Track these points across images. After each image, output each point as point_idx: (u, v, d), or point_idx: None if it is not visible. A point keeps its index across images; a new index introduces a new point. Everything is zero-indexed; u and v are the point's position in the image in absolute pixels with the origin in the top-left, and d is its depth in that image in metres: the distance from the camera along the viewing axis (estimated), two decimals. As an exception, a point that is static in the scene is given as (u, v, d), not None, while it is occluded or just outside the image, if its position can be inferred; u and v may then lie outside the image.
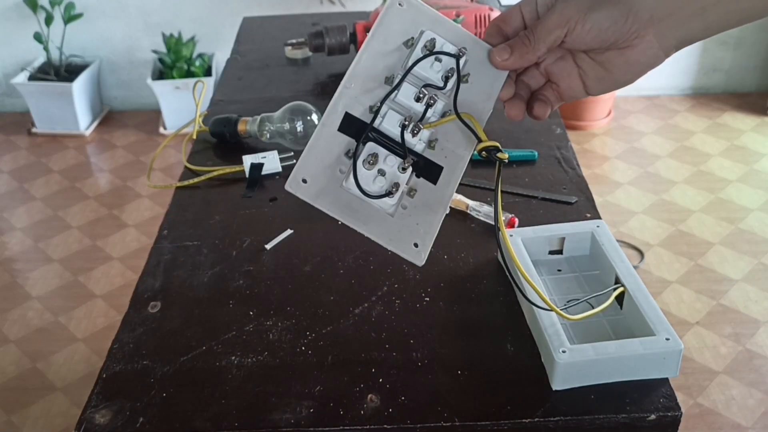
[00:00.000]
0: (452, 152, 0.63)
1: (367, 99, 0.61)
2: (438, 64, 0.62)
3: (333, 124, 0.61)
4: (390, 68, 0.62)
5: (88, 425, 0.66)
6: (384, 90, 0.61)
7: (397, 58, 0.62)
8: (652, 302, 0.72)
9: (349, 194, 0.61)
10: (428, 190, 0.62)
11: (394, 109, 0.62)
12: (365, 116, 0.61)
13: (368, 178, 0.60)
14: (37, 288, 2.11)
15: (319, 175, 0.60)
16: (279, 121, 1.06)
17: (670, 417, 0.66)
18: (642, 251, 2.14)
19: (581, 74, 0.62)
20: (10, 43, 2.88)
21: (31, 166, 2.70)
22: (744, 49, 2.91)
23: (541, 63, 0.64)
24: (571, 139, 1.09)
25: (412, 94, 0.62)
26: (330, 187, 0.60)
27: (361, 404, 0.68)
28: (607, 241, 0.81)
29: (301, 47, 1.37)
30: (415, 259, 0.62)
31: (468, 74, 0.63)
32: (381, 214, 0.61)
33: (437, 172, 0.63)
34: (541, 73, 0.64)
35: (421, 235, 0.62)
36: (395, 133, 0.61)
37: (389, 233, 0.61)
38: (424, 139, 0.62)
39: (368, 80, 0.61)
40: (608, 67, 0.61)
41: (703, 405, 1.68)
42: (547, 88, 0.65)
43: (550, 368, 0.69)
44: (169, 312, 0.79)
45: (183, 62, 2.74)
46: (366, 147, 0.61)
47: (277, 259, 0.87)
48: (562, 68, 0.63)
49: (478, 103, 0.63)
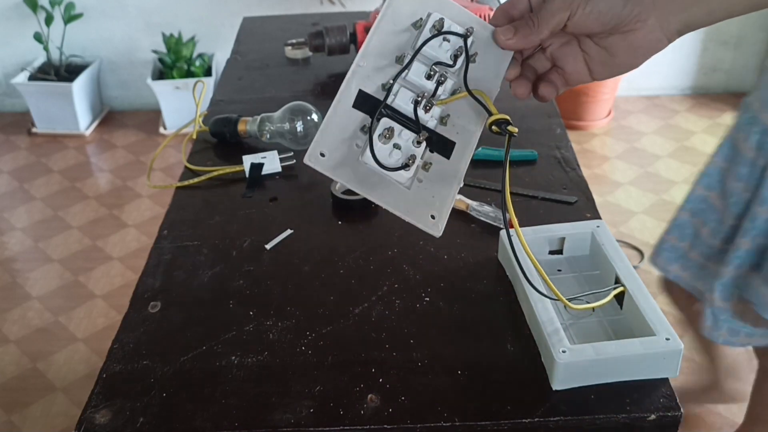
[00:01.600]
0: (464, 128, 0.65)
1: (379, 77, 0.63)
2: (446, 44, 0.64)
3: (347, 101, 0.62)
4: (400, 48, 0.64)
5: (88, 425, 0.66)
6: (395, 69, 0.63)
7: (406, 38, 0.64)
8: (652, 302, 0.72)
9: (366, 168, 0.62)
10: (442, 164, 0.64)
11: (406, 87, 0.63)
12: (378, 93, 0.63)
13: (384, 152, 0.62)
14: (37, 288, 2.11)
15: (336, 149, 0.61)
16: (279, 121, 1.06)
17: (670, 417, 0.66)
18: (642, 251, 2.14)
19: (586, 59, 0.64)
20: (10, 43, 2.88)
21: (31, 166, 2.70)
22: (744, 49, 2.91)
23: (547, 48, 0.65)
24: (571, 139, 1.09)
25: (423, 73, 0.63)
26: (347, 160, 0.61)
27: (361, 404, 0.68)
28: (607, 241, 0.81)
29: (301, 47, 1.37)
30: (432, 230, 0.63)
31: (476, 53, 0.64)
32: (397, 187, 0.63)
33: (450, 147, 0.64)
34: (547, 57, 0.66)
35: (437, 207, 0.63)
36: (408, 110, 0.63)
37: (406, 205, 0.63)
38: (436, 116, 0.64)
39: (379, 59, 0.63)
40: (612, 52, 0.62)
41: (703, 405, 1.67)
42: (553, 72, 0.66)
43: (550, 368, 0.69)
44: (169, 312, 0.79)
45: (183, 62, 2.74)
46: (381, 122, 0.62)
47: (277, 259, 0.87)
48: (567, 53, 0.64)
49: (486, 81, 0.65)
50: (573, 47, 0.64)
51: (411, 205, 0.63)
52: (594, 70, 0.64)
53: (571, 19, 0.60)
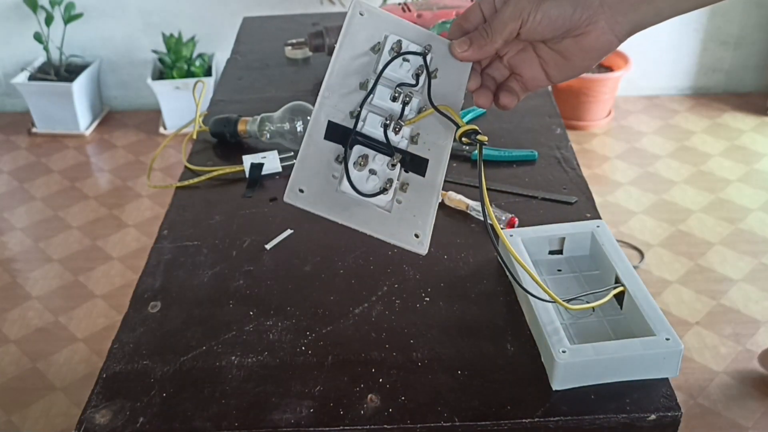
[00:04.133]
0: (434, 143, 0.65)
1: (346, 105, 0.64)
2: (407, 64, 0.65)
3: (319, 134, 0.63)
4: (362, 74, 0.65)
5: (88, 425, 0.66)
6: (360, 95, 0.64)
7: (367, 63, 0.65)
8: (652, 302, 0.72)
9: (345, 197, 0.63)
10: (419, 182, 0.65)
11: (374, 112, 0.64)
12: (347, 122, 0.64)
13: (361, 179, 0.62)
14: (37, 288, 2.11)
15: (314, 182, 0.62)
16: (279, 121, 1.06)
17: (670, 417, 0.66)
18: (642, 251, 2.14)
19: (542, 64, 0.65)
20: (10, 43, 2.88)
21: (31, 166, 2.70)
22: (744, 49, 2.90)
23: (504, 56, 0.67)
24: (571, 139, 1.09)
25: (388, 95, 0.64)
26: (326, 192, 0.62)
27: (361, 404, 0.68)
28: (607, 241, 0.81)
29: (301, 47, 1.37)
30: (418, 249, 0.64)
31: (436, 69, 0.66)
32: (378, 212, 0.63)
33: (424, 164, 0.65)
34: (504, 66, 0.67)
35: (420, 225, 0.64)
36: (378, 134, 0.64)
37: (390, 229, 0.63)
38: (406, 136, 0.65)
39: (343, 88, 0.64)
40: (566, 55, 0.63)
41: (703, 405, 1.68)
42: (512, 79, 0.68)
43: (550, 368, 0.69)
44: (169, 312, 0.79)
45: (183, 62, 2.74)
46: (354, 150, 0.63)
47: (277, 259, 0.87)
48: (523, 59, 0.66)
49: (450, 95, 0.66)
50: (529, 53, 0.66)
51: (394, 227, 0.63)
52: (550, 74, 0.65)
53: (523, 27, 0.61)
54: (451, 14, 1.24)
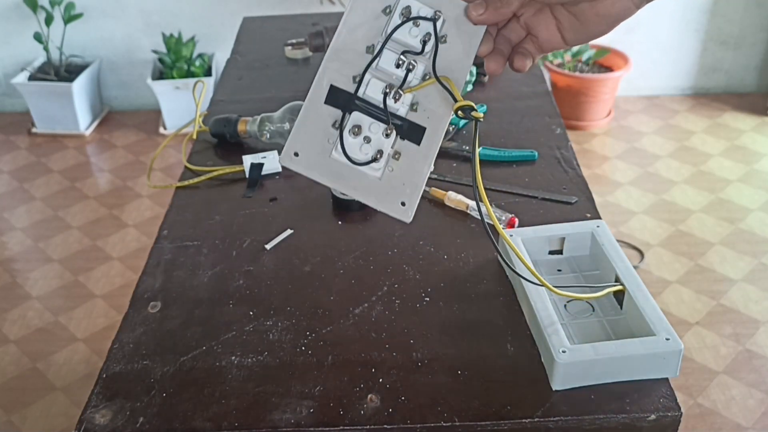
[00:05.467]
0: (434, 112, 0.65)
1: (350, 70, 0.64)
2: (416, 29, 0.64)
3: (319, 98, 0.63)
4: (370, 38, 0.64)
5: (88, 425, 0.66)
6: (366, 59, 0.64)
7: (376, 27, 0.64)
8: (652, 302, 0.72)
9: (338, 163, 0.63)
10: (412, 152, 0.65)
11: (377, 77, 0.64)
12: (349, 87, 0.64)
13: (355, 147, 0.63)
14: (37, 288, 2.11)
15: (309, 147, 0.62)
16: (279, 121, 1.06)
17: (670, 417, 0.66)
18: (642, 251, 2.14)
19: (559, 26, 0.65)
20: (10, 43, 2.88)
21: (31, 166, 2.70)
22: (744, 49, 2.90)
23: (521, 17, 0.66)
24: (571, 139, 1.09)
25: (394, 61, 0.64)
26: (320, 157, 0.63)
27: (361, 404, 0.68)
28: (607, 241, 0.81)
29: (301, 47, 1.37)
30: (402, 217, 0.64)
31: (445, 35, 0.65)
32: (369, 178, 0.64)
33: (420, 133, 0.65)
34: (521, 26, 0.66)
35: (407, 194, 0.64)
36: (379, 100, 0.64)
37: (378, 195, 0.64)
38: (407, 103, 0.65)
39: (350, 52, 0.64)
40: (582, 19, 0.63)
41: (703, 405, 1.68)
42: (527, 41, 0.67)
43: (550, 368, 0.69)
44: (169, 312, 0.79)
45: (183, 62, 2.74)
46: (351, 117, 0.63)
47: (277, 259, 0.87)
48: (540, 20, 0.65)
49: (457, 61, 0.66)
50: (546, 15, 0.65)
51: (382, 194, 0.64)
52: (566, 36, 0.65)
53: None
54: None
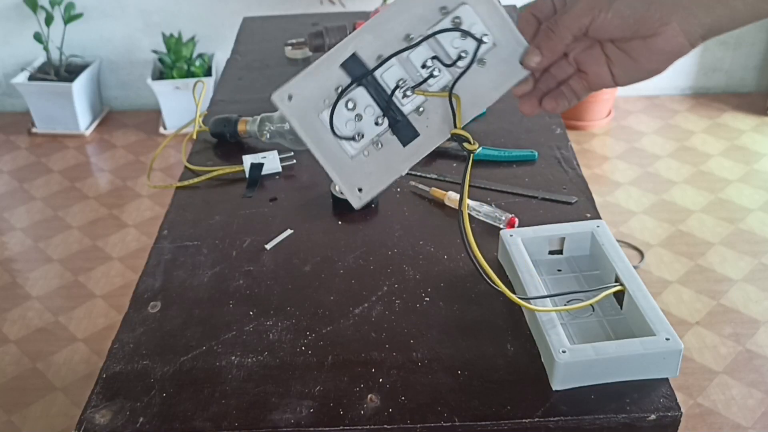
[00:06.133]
0: (434, 126, 0.65)
1: (379, 47, 0.62)
2: (459, 41, 0.62)
3: (338, 59, 0.62)
4: (414, 27, 0.62)
5: (88, 425, 0.66)
6: (398, 45, 0.62)
7: (425, 20, 0.62)
8: (652, 302, 0.72)
9: (322, 125, 0.63)
10: (395, 150, 0.64)
11: (400, 66, 0.62)
12: (370, 62, 0.62)
13: (342, 118, 0.62)
14: (37, 288, 2.11)
15: (304, 97, 0.62)
16: (279, 121, 1.06)
17: (670, 417, 0.66)
18: (642, 251, 2.14)
19: (609, 63, 0.62)
20: (10, 43, 2.88)
21: (31, 166, 2.70)
22: (744, 49, 2.90)
23: (570, 53, 0.64)
24: (571, 139, 1.09)
25: (423, 59, 0.62)
26: (309, 112, 0.62)
27: (361, 404, 0.68)
28: (607, 241, 0.81)
29: (301, 47, 1.37)
30: (353, 200, 0.64)
31: (486, 60, 0.63)
32: (342, 152, 0.63)
33: (412, 136, 0.64)
34: (569, 63, 0.64)
35: (368, 184, 0.64)
36: (389, 88, 0.63)
37: (342, 170, 0.64)
38: (414, 104, 0.64)
39: (389, 31, 0.62)
40: (634, 56, 0.60)
41: (703, 405, 1.68)
42: (575, 78, 0.65)
43: (550, 368, 0.69)
44: (169, 312, 0.79)
45: (183, 62, 2.74)
46: (354, 91, 0.62)
47: (277, 259, 0.87)
48: (590, 56, 0.63)
49: (483, 90, 0.64)
50: (596, 50, 0.63)
51: (347, 171, 0.64)
52: (616, 74, 0.63)
53: (593, 23, 0.59)
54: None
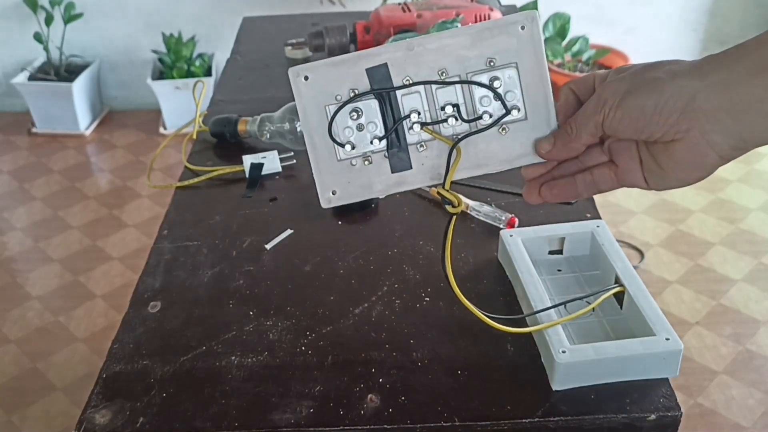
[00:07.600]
0: (430, 166, 0.63)
1: (410, 69, 0.61)
2: (488, 99, 0.61)
3: (367, 62, 0.61)
4: (451, 65, 0.60)
5: (88, 425, 0.66)
6: (430, 76, 0.61)
7: (467, 64, 0.60)
8: (652, 302, 0.72)
9: (322, 118, 0.62)
10: (381, 172, 0.63)
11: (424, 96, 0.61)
12: (397, 79, 0.61)
13: (342, 122, 0.62)
14: (37, 288, 2.11)
15: (318, 84, 0.61)
16: (279, 121, 1.06)
17: (670, 417, 0.66)
18: (642, 251, 2.14)
19: (641, 164, 0.57)
20: (10, 43, 2.88)
21: (31, 166, 2.70)
22: (744, 49, 2.90)
23: (606, 140, 0.59)
24: (571, 139, 1.09)
25: (446, 100, 0.61)
26: (317, 99, 0.62)
27: (361, 404, 0.68)
28: (607, 241, 0.81)
29: (301, 47, 1.37)
30: (322, 199, 0.64)
31: (509, 129, 0.61)
32: (330, 153, 0.63)
33: (403, 167, 0.63)
34: (603, 150, 0.60)
35: (344, 191, 0.64)
36: (401, 113, 0.62)
37: (324, 166, 0.63)
38: (420, 139, 0.63)
39: (425, 59, 0.61)
40: (659, 162, 0.55)
41: (703, 405, 1.68)
42: (605, 167, 0.60)
43: (550, 368, 0.69)
44: (169, 312, 0.79)
45: (183, 62, 2.74)
46: (366, 102, 0.61)
47: (277, 259, 0.87)
48: (623, 148, 0.58)
49: (494, 157, 0.62)
50: (632, 146, 0.57)
51: (328, 170, 0.63)
52: (647, 177, 0.57)
53: (605, 121, 0.54)
54: (451, 14, 1.24)
